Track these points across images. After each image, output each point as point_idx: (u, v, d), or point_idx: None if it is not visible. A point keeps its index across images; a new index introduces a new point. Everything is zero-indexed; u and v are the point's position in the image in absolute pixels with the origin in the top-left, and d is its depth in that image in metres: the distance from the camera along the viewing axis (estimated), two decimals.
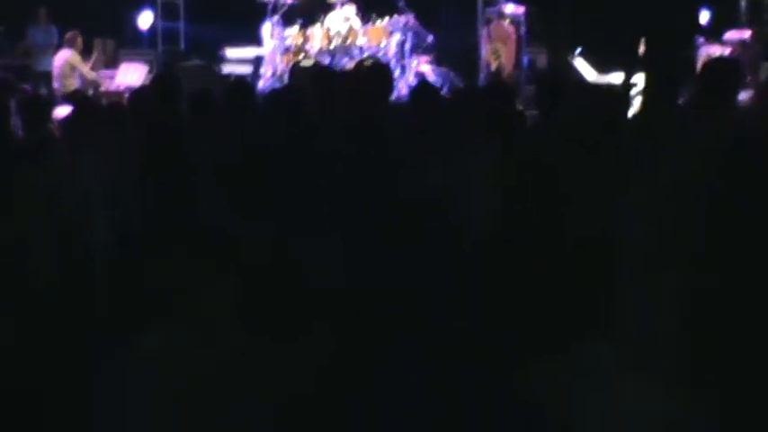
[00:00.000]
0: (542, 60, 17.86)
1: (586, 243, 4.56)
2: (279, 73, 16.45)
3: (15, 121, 7.10)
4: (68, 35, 15.35)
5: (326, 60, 16.18)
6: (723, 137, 2.68)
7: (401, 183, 5.32)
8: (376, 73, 7.83)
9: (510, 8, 17.39)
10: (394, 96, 11.81)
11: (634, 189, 2.81)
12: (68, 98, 13.54)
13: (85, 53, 15.81)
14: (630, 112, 9.39)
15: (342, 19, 16.82)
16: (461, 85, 15.55)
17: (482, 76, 17.07)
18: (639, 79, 12.78)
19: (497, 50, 16.38)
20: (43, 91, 14.92)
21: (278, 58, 16.62)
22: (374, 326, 4.10)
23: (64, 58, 15.21)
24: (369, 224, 4.75)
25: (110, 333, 4.65)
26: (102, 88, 15.74)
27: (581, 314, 4.20)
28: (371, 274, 4.43)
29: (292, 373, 3.24)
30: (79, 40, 15.38)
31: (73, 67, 15.20)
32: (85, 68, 15.46)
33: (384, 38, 16.70)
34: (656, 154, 3.74)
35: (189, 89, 7.66)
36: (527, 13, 17.34)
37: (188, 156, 5.48)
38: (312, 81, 7.39)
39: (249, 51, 17.83)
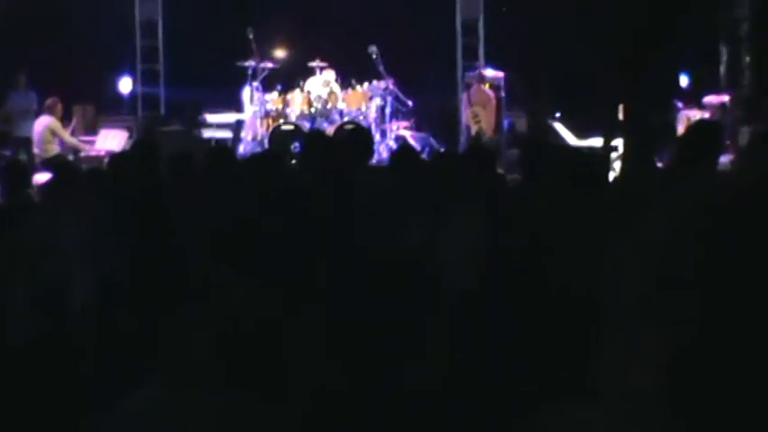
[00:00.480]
0: (522, 124, 17.95)
1: (570, 295, 4.54)
2: (259, 137, 16.46)
3: None
4: (48, 101, 15.34)
5: (307, 125, 16.20)
6: (705, 197, 2.65)
7: (382, 239, 5.31)
8: (356, 136, 7.85)
9: (490, 72, 17.48)
10: (374, 160, 11.82)
11: (617, 242, 2.78)
12: (49, 163, 13.53)
13: (65, 119, 15.80)
14: (611, 177, 9.41)
15: (322, 83, 16.89)
16: (441, 149, 15.58)
17: (462, 140, 17.12)
18: (619, 144, 12.85)
19: (477, 114, 16.40)
20: (23, 157, 14.85)
21: (258, 123, 16.63)
22: (358, 378, 4.08)
23: (44, 124, 15.19)
24: (350, 280, 4.73)
25: (93, 390, 4.61)
26: (83, 153, 15.74)
27: (564, 368, 4.17)
28: (354, 326, 4.41)
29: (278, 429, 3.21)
30: (59, 107, 15.37)
31: (53, 133, 15.18)
32: (65, 134, 15.46)
33: (364, 102, 16.74)
34: (639, 210, 3.73)
35: (169, 154, 7.65)
36: (506, 78, 17.42)
37: (168, 216, 5.46)
38: (304, 143, 7.41)
39: (229, 116, 17.84)
